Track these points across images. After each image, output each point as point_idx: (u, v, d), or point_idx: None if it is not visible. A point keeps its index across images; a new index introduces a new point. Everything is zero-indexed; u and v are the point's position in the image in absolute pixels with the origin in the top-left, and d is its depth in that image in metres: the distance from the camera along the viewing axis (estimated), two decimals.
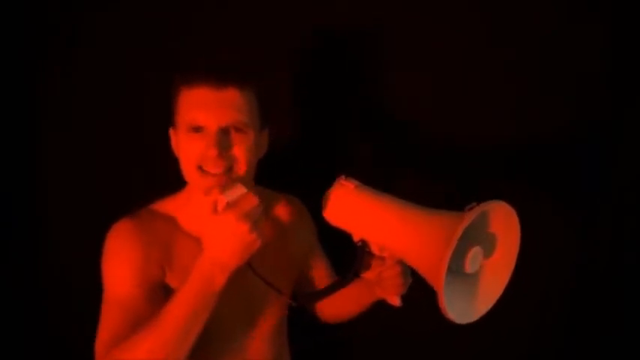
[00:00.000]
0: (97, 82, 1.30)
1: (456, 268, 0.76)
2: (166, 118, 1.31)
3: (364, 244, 0.85)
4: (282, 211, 1.08)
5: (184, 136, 0.87)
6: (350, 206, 0.86)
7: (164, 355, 0.75)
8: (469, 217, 0.69)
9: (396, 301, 0.93)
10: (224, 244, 0.76)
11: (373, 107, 1.38)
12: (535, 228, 1.34)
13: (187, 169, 0.88)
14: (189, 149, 0.86)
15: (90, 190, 1.32)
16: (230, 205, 0.75)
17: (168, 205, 0.97)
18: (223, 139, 0.84)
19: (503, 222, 0.78)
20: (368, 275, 0.91)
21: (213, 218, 0.76)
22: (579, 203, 1.38)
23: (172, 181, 1.31)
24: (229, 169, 0.86)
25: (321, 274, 1.15)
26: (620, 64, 1.34)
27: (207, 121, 0.84)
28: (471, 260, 0.75)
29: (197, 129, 0.85)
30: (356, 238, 0.87)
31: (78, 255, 1.31)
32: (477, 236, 0.78)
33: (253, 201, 0.76)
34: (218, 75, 0.84)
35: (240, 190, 0.78)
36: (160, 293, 0.86)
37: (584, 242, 1.40)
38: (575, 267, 1.40)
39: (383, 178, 0.96)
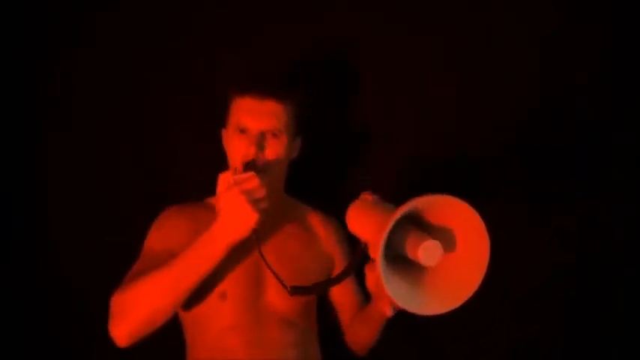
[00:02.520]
0: (97, 82, 1.30)
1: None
2: (165, 117, 1.33)
3: (365, 246, 0.89)
4: (314, 220, 1.19)
5: (232, 135, 1.05)
6: (361, 215, 0.94)
7: (155, 293, 0.91)
8: (402, 209, 0.74)
9: (386, 310, 0.93)
10: (227, 216, 0.89)
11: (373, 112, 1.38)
12: (535, 228, 1.36)
13: (232, 163, 1.06)
14: (235, 147, 1.04)
15: (90, 190, 1.32)
16: (236, 183, 0.87)
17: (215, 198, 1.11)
18: (261, 140, 1.02)
19: (458, 216, 0.80)
20: (369, 284, 0.93)
21: (221, 194, 0.89)
22: (579, 204, 1.38)
23: (172, 180, 1.33)
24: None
25: (345, 292, 1.16)
26: (620, 64, 1.34)
27: (250, 125, 1.03)
28: (424, 252, 0.78)
29: (243, 130, 1.03)
30: (361, 241, 0.91)
31: (78, 255, 1.31)
32: (444, 232, 0.82)
33: (254, 181, 0.88)
34: (261, 89, 1.04)
35: (248, 174, 0.89)
36: None
37: (583, 242, 1.40)
38: (575, 268, 1.40)
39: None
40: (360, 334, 1.13)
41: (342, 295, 1.17)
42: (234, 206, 0.87)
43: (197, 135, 1.33)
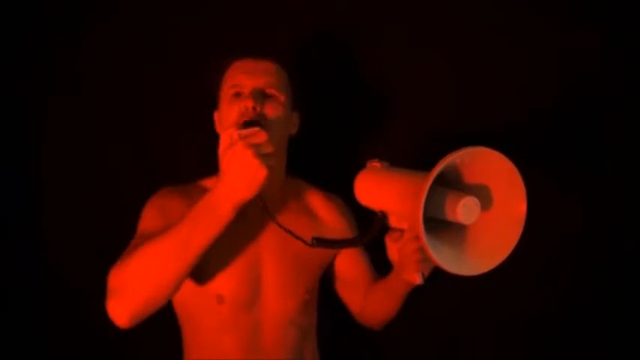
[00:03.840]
0: (97, 81, 1.30)
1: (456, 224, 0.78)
2: (165, 117, 1.33)
3: (383, 214, 0.88)
4: (317, 201, 1.14)
5: (227, 104, 1.00)
6: (374, 183, 0.91)
7: (158, 262, 0.83)
8: (438, 166, 0.71)
9: (416, 278, 0.90)
10: (232, 173, 0.80)
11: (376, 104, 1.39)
12: (534, 228, 1.35)
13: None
14: (230, 112, 0.98)
15: (90, 190, 1.32)
16: (241, 138, 0.80)
17: (209, 181, 1.09)
18: (258, 96, 0.96)
19: (491, 170, 0.79)
20: (391, 254, 0.92)
21: (225, 150, 0.80)
22: (580, 203, 1.38)
23: (172, 180, 1.32)
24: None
25: (358, 268, 1.15)
26: (620, 64, 1.34)
27: (245, 82, 0.99)
28: (462, 209, 0.76)
29: (237, 94, 0.99)
30: (377, 210, 0.90)
31: (78, 255, 1.31)
32: (477, 190, 0.80)
33: (262, 135, 0.80)
34: (257, 52, 1.02)
35: (254, 129, 0.82)
36: None
37: (584, 241, 1.40)
38: (575, 267, 1.40)
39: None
40: (379, 308, 1.10)
41: (355, 271, 1.15)
42: (241, 161, 0.78)
43: (197, 134, 1.33)
